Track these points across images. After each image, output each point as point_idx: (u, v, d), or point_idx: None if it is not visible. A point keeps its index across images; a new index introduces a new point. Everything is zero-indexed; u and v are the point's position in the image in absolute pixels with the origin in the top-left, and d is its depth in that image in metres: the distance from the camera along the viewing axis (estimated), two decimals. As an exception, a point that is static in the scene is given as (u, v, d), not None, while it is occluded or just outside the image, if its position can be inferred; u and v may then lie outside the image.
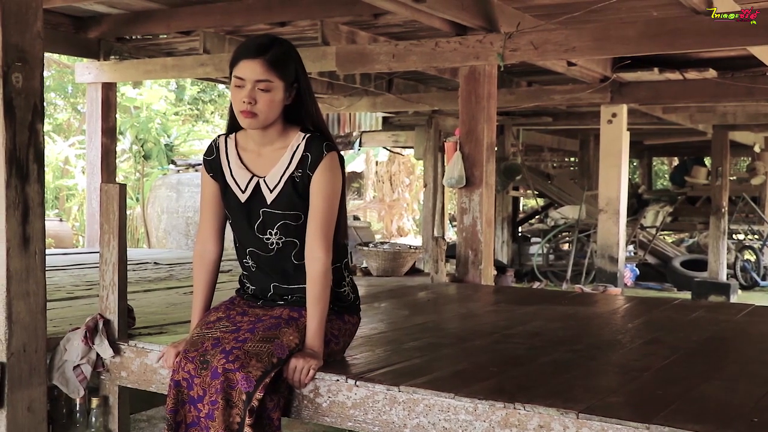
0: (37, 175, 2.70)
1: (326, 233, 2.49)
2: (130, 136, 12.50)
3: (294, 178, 2.51)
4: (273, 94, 2.44)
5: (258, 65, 2.42)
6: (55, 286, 4.46)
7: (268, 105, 2.44)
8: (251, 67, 2.42)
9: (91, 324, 2.90)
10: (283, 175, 2.52)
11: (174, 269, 5.68)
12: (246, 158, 2.59)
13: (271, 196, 2.53)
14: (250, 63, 2.42)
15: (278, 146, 2.55)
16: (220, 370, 2.30)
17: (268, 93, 2.43)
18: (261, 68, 2.42)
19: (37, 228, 2.71)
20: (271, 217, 2.54)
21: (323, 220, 2.48)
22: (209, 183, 2.64)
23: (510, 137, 11.76)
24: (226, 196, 2.60)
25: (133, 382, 2.90)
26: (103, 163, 7.42)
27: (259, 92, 2.42)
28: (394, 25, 6.45)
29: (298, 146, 2.51)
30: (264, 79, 2.42)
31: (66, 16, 6.76)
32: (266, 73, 2.42)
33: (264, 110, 2.44)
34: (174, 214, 10.23)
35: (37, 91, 2.69)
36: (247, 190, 2.55)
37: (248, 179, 2.56)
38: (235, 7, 6.09)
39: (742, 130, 12.27)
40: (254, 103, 2.42)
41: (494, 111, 5.63)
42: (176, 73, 8.12)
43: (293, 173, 2.51)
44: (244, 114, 2.44)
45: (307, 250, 2.50)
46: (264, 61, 2.42)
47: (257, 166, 2.57)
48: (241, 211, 2.58)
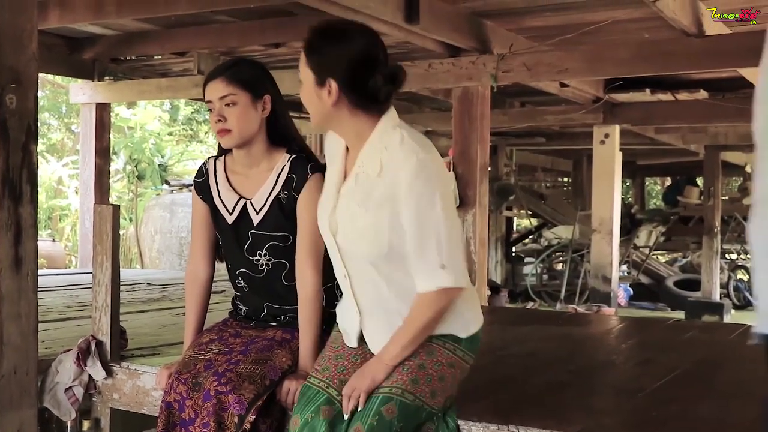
0: (30, 197, 2.70)
1: (315, 254, 2.48)
2: (123, 156, 12.50)
3: (280, 200, 2.51)
4: (239, 107, 2.46)
5: (219, 83, 2.48)
6: (47, 307, 4.44)
7: (237, 118, 2.46)
8: (214, 87, 2.49)
9: (83, 345, 2.88)
10: (269, 197, 2.52)
11: (167, 290, 5.66)
12: (234, 180, 2.60)
13: (258, 217, 2.53)
14: (213, 83, 2.49)
15: (264, 168, 2.55)
16: (212, 393, 2.29)
17: (234, 107, 2.46)
18: (221, 84, 2.47)
19: (29, 249, 2.70)
20: (260, 238, 2.54)
21: (311, 242, 2.47)
22: (199, 204, 2.65)
23: (503, 157, 11.81)
24: (216, 218, 2.61)
25: (126, 404, 2.89)
26: (96, 184, 7.41)
27: (226, 108, 2.46)
28: (388, 46, 6.43)
29: (283, 167, 2.52)
30: (227, 93, 2.46)
31: (61, 37, 6.77)
32: (227, 88, 2.46)
33: (235, 124, 2.46)
34: (167, 234, 10.20)
35: (31, 112, 2.70)
36: (234, 212, 2.56)
37: (235, 201, 2.56)
38: (229, 28, 6.12)
39: (733, 151, 12.33)
40: (224, 120, 2.46)
41: (487, 131, 5.66)
42: (170, 93, 8.15)
43: (279, 194, 2.51)
44: (219, 134, 2.49)
45: (298, 272, 2.49)
46: (224, 78, 2.48)
47: (245, 188, 2.57)
48: (230, 233, 2.58)
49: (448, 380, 2.20)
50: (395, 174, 2.11)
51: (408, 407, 2.09)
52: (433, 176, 2.11)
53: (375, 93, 2.15)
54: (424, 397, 2.13)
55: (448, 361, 2.20)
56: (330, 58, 2.15)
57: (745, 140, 10.85)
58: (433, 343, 2.20)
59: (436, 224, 2.09)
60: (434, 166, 2.13)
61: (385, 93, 2.17)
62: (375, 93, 2.15)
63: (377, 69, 2.17)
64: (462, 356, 2.22)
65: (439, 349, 2.20)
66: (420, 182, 2.09)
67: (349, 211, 2.20)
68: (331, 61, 2.14)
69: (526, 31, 5.76)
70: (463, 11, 5.27)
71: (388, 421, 2.05)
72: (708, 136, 10.67)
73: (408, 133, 2.15)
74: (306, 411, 2.16)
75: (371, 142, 2.18)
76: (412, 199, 2.09)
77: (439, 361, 2.19)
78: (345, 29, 2.22)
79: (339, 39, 2.17)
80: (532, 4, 4.98)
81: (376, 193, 2.15)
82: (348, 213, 2.21)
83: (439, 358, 2.19)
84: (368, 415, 2.08)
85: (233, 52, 6.96)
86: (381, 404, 2.08)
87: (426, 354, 2.19)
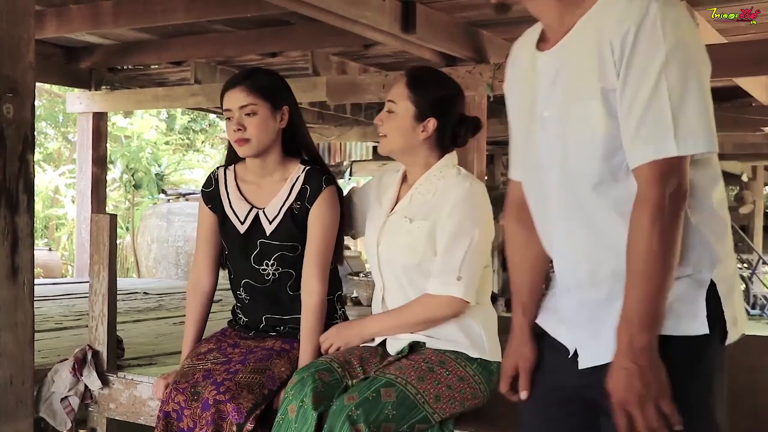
0: (26, 206, 2.69)
1: (323, 266, 2.50)
2: (120, 165, 12.50)
3: (293, 210, 2.52)
4: (260, 117, 2.46)
5: (240, 92, 2.47)
6: (44, 316, 4.43)
7: (257, 128, 2.46)
8: (234, 96, 2.47)
9: (79, 355, 2.88)
10: (282, 207, 2.53)
11: (164, 299, 5.65)
12: (245, 190, 2.60)
13: (270, 227, 2.53)
14: (233, 92, 2.48)
15: (277, 178, 2.56)
16: (211, 402, 2.29)
17: (254, 116, 2.46)
18: (243, 94, 2.46)
19: (26, 258, 2.69)
20: (269, 248, 2.54)
21: (320, 253, 2.49)
22: (207, 215, 2.65)
23: (500, 166, 11.81)
24: (225, 228, 2.61)
25: (122, 414, 2.88)
26: (93, 193, 7.40)
27: (246, 117, 2.46)
28: (384, 55, 6.49)
29: (297, 178, 2.53)
30: (247, 103, 2.46)
31: (58, 46, 6.78)
32: (248, 97, 2.46)
33: (255, 134, 2.46)
34: (164, 243, 10.18)
35: (28, 121, 2.69)
36: (246, 221, 2.56)
37: (247, 210, 2.56)
38: (226, 37, 6.13)
39: (729, 160, 12.34)
40: (244, 129, 2.45)
41: (484, 141, 5.67)
42: (167, 103, 8.15)
43: (292, 205, 2.52)
44: (237, 143, 2.47)
45: (304, 282, 2.50)
46: (245, 87, 2.47)
47: (257, 197, 2.58)
48: (238, 242, 2.58)
49: (456, 391, 2.24)
50: (446, 195, 2.33)
51: (407, 399, 2.15)
52: (480, 204, 2.35)
53: (457, 136, 2.42)
54: (427, 396, 2.18)
55: (458, 374, 2.27)
56: (434, 97, 2.37)
57: (741, 149, 10.87)
58: (446, 355, 2.30)
59: (470, 244, 2.29)
60: (483, 197, 2.37)
61: (464, 138, 2.44)
62: (457, 136, 2.42)
63: (465, 117, 2.43)
64: (473, 375, 2.28)
65: (451, 362, 2.29)
66: (467, 204, 2.32)
67: (397, 224, 2.41)
68: (434, 100, 2.37)
69: (522, 41, 5.77)
70: (460, 21, 5.29)
71: (383, 403, 2.11)
72: (704, 145, 10.67)
73: (464, 170, 2.43)
74: (304, 372, 2.27)
75: (432, 170, 2.41)
76: (455, 217, 2.30)
77: (450, 370, 2.27)
78: (443, 74, 2.52)
79: (442, 81, 2.44)
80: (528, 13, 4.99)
81: (424, 210, 2.36)
82: (395, 226, 2.41)
83: (450, 368, 2.28)
84: (366, 390, 2.14)
85: (230, 62, 6.98)
86: (382, 386, 2.15)
87: (438, 363, 2.27)
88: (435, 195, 2.36)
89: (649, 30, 1.42)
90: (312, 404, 2.16)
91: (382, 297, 2.47)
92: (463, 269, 2.28)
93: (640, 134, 1.43)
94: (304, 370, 2.27)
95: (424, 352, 2.32)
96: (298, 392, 2.20)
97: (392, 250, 2.40)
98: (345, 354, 2.38)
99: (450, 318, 2.32)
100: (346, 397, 2.13)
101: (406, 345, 2.35)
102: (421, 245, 2.32)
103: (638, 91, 1.43)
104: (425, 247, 2.32)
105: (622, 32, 1.43)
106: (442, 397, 2.21)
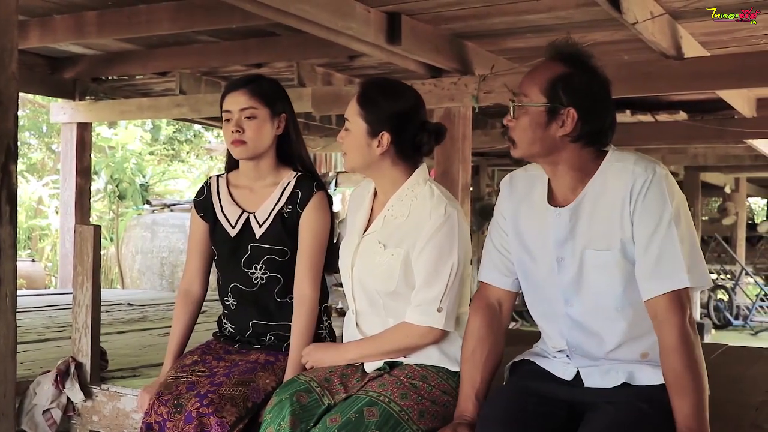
0: (9, 217, 2.67)
1: (315, 270, 2.52)
2: (104, 175, 12.43)
3: (283, 214, 2.53)
4: (259, 122, 2.50)
5: (241, 95, 2.51)
6: (26, 327, 4.39)
7: (255, 132, 2.50)
8: (236, 98, 2.52)
9: (62, 367, 2.85)
10: (272, 211, 2.55)
11: (148, 310, 5.61)
12: (237, 195, 2.63)
13: (260, 230, 2.55)
14: (234, 94, 2.52)
15: (269, 182, 2.59)
16: (194, 414, 2.27)
17: (254, 120, 2.50)
18: (244, 97, 2.50)
19: (8, 270, 2.67)
20: (259, 251, 2.55)
21: (311, 258, 2.51)
22: (198, 224, 2.67)
23: (485, 178, 11.86)
24: (215, 232, 2.62)
25: (105, 426, 2.86)
26: (77, 203, 7.37)
27: (246, 120, 2.50)
28: (369, 67, 6.51)
29: (288, 183, 2.57)
30: (248, 106, 2.50)
31: (41, 56, 6.75)
32: (250, 101, 2.50)
33: (252, 137, 2.49)
34: (149, 254, 10.14)
35: (10, 132, 2.68)
36: (236, 225, 2.58)
37: (238, 214, 2.59)
38: (211, 48, 6.13)
39: (712, 171, 12.47)
40: (242, 131, 2.49)
41: (469, 152, 5.68)
42: (152, 113, 8.13)
43: (282, 209, 2.54)
44: (234, 144, 2.51)
45: (296, 287, 2.52)
46: (247, 90, 2.51)
47: (248, 202, 2.60)
48: (229, 246, 2.59)
49: (439, 405, 2.23)
50: (421, 220, 2.28)
51: (391, 417, 2.12)
52: (456, 229, 2.28)
53: (419, 147, 2.35)
54: (411, 413, 2.16)
55: (441, 387, 2.26)
56: (385, 111, 2.32)
57: (724, 161, 10.97)
58: (428, 369, 2.29)
59: (449, 274, 2.26)
60: (460, 220, 2.30)
61: (428, 147, 2.37)
62: (419, 147, 2.35)
63: (424, 125, 2.36)
64: (455, 388, 2.26)
65: (434, 376, 2.28)
66: (444, 232, 2.26)
67: (370, 248, 2.36)
68: (385, 114, 2.32)
69: (507, 53, 5.80)
70: (445, 33, 5.31)
71: (366, 423, 2.09)
72: (687, 157, 10.78)
73: (437, 187, 2.35)
74: (282, 393, 2.24)
75: (403, 189, 2.36)
76: (433, 245, 2.25)
77: (433, 385, 2.26)
78: (397, 85, 2.42)
79: (393, 94, 2.36)
80: (513, 25, 5.02)
81: (398, 234, 2.32)
82: (369, 249, 2.36)
83: (432, 382, 2.26)
84: (349, 411, 2.12)
85: (215, 72, 6.97)
86: (365, 405, 2.13)
87: (420, 378, 2.26)
88: (408, 217, 2.32)
89: (656, 186, 1.88)
90: (289, 428, 2.15)
91: (356, 322, 2.42)
92: (444, 300, 2.25)
93: (658, 270, 1.86)
94: (283, 391, 2.25)
95: (405, 368, 2.30)
96: (276, 415, 2.19)
97: (366, 276, 2.36)
98: (326, 371, 2.34)
99: (429, 345, 2.30)
100: (328, 419, 2.11)
101: (383, 363, 2.34)
102: (396, 273, 2.29)
103: (653, 235, 1.86)
104: (400, 276, 2.29)
105: (634, 187, 1.89)
106: (426, 412, 2.19)
